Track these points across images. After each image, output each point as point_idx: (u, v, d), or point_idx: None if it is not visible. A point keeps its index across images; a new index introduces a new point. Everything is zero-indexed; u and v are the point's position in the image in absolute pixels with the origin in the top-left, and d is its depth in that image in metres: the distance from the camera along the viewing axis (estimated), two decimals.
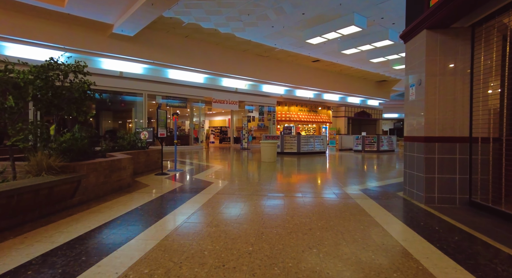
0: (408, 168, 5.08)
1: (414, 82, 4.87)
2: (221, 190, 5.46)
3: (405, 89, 5.27)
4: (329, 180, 6.86)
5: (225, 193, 5.23)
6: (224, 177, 7.18)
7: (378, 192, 5.54)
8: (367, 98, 27.77)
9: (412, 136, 4.92)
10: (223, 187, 5.79)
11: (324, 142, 15.62)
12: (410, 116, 5.05)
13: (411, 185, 4.96)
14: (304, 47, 17.14)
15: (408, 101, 5.15)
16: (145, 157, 7.63)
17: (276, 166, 9.57)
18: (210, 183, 6.17)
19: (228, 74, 17.81)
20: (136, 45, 14.40)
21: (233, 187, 5.82)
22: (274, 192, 5.35)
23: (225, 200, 4.68)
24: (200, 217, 3.77)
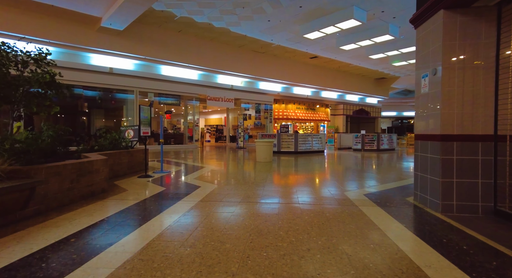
0: (420, 171, 4.41)
1: (428, 71, 4.19)
2: (207, 196, 4.77)
3: (416, 81, 4.59)
4: (329, 183, 6.19)
5: (211, 200, 4.54)
6: (214, 179, 6.50)
7: (384, 197, 4.87)
8: (366, 96, 27.13)
9: (426, 134, 4.25)
10: (210, 192, 5.10)
11: (323, 140, 14.96)
12: (422, 111, 4.38)
13: (423, 191, 4.29)
14: (302, 43, 16.45)
15: (419, 94, 4.48)
16: (128, 158, 6.93)
17: (272, 166, 8.89)
18: (197, 187, 5.49)
19: (223, 71, 17.10)
20: (127, 39, 13.66)
21: (222, 192, 5.14)
22: (267, 198, 4.67)
23: (209, 210, 3.99)
24: (174, 233, 3.08)
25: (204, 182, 6.02)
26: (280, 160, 11.13)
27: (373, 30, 14.53)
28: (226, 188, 5.47)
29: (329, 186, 5.78)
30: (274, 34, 15.26)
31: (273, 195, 4.88)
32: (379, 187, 5.75)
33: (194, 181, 6.14)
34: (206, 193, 5.01)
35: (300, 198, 4.68)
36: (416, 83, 4.60)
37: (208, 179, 6.46)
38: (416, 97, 4.61)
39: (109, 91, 14.93)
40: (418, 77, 4.51)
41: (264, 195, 4.87)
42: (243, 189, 5.39)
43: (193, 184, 5.84)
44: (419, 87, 4.47)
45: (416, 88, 4.59)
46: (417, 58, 4.58)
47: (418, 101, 4.51)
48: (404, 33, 15.08)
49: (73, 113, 16.04)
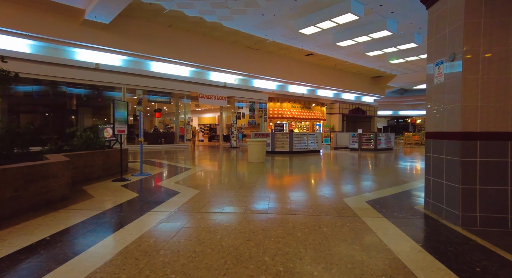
0: (432, 175, 3.72)
1: (444, 57, 3.50)
2: (184, 206, 4.03)
3: (427, 71, 3.90)
4: (325, 187, 5.48)
5: (187, 210, 3.80)
6: (197, 183, 5.76)
7: (389, 204, 4.17)
8: (362, 95, 26.52)
9: (440, 132, 3.56)
10: (189, 199, 4.36)
11: (318, 140, 14.27)
12: (435, 104, 3.68)
13: (437, 198, 3.60)
14: (297, 39, 15.72)
15: (431, 85, 3.78)
16: (103, 159, 6.16)
17: (265, 168, 8.17)
18: (175, 194, 4.74)
19: (216, 68, 16.33)
20: (113, 34, 12.84)
21: (203, 199, 4.40)
22: (254, 207, 3.95)
23: (182, 224, 3.26)
24: (126, 261, 2.35)
25: (185, 187, 5.28)
26: (274, 160, 10.42)
27: (371, 26, 13.85)
28: (209, 194, 4.74)
29: (326, 191, 5.07)
30: (268, 29, 14.53)
31: (261, 203, 4.15)
32: (382, 191, 5.05)
33: (175, 186, 5.39)
34: (184, 200, 4.27)
35: (293, 207, 3.96)
36: (428, 73, 3.90)
37: (191, 183, 5.72)
38: (427, 89, 3.91)
39: (95, 88, 14.11)
40: (431, 66, 3.81)
41: (251, 203, 4.14)
42: (229, 195, 4.66)
43: (172, 189, 5.09)
44: (432, 77, 3.77)
45: (428, 79, 3.89)
46: (429, 44, 3.88)
47: (430, 94, 3.81)
48: (402, 29, 14.44)
49: (60, 112, 15.19)
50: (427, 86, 3.93)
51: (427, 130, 3.92)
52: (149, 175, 6.59)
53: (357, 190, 5.17)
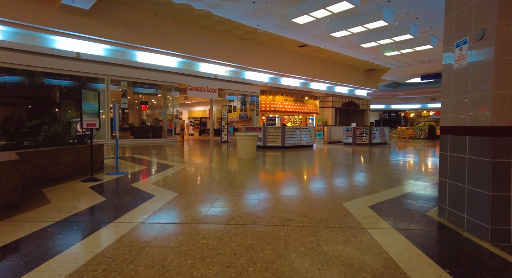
0: (450, 178, 3.11)
1: (468, 35, 2.85)
2: (155, 215, 3.35)
3: (444, 54, 3.25)
4: (322, 188, 4.85)
5: (157, 221, 3.12)
6: (178, 184, 5.06)
7: (397, 210, 3.56)
8: (355, 88, 25.96)
9: (462, 127, 2.93)
10: (163, 206, 3.68)
11: (312, 134, 13.66)
12: (455, 93, 3.05)
13: (457, 206, 2.99)
14: (290, 29, 14.96)
15: (449, 71, 3.14)
16: (72, 156, 5.41)
17: (255, 164, 7.51)
18: (149, 198, 4.05)
19: (205, 58, 15.46)
20: (95, 21, 11.87)
21: (180, 205, 3.72)
22: (240, 216, 3.29)
23: (146, 243, 2.58)
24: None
25: (163, 189, 4.58)
26: (265, 156, 9.77)
27: (366, 15, 13.17)
28: (188, 198, 4.05)
29: (323, 193, 4.44)
30: (260, 18, 13.72)
31: (249, 210, 3.50)
32: (384, 193, 4.45)
33: (151, 187, 4.69)
34: (157, 207, 3.58)
35: (285, 215, 3.32)
36: (444, 57, 3.26)
37: (171, 184, 5.02)
38: (444, 76, 3.27)
39: (77, 79, 13.18)
40: (448, 48, 3.16)
41: (237, 210, 3.48)
42: (211, 199, 3.99)
43: (147, 192, 4.39)
44: (451, 60, 3.12)
45: (444, 64, 3.24)
46: (448, 22, 3.23)
47: (448, 81, 3.17)
48: (398, 19, 13.81)
49: (39, 104, 14.20)
50: (443, 73, 3.29)
51: (442, 124, 3.29)
52: (125, 173, 5.87)
53: (357, 192, 4.56)
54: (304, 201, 3.97)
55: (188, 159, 8.68)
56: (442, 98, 3.31)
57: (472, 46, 2.80)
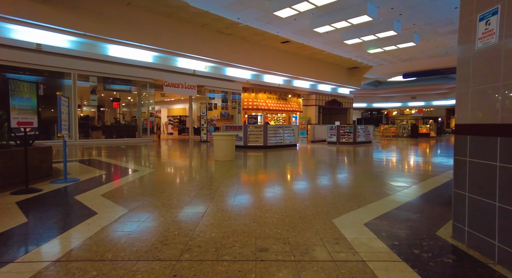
0: (470, 191, 2.38)
1: (501, 3, 2.12)
2: (82, 245, 2.44)
3: (461, 33, 2.52)
4: (307, 199, 4.07)
5: (84, 257, 2.22)
6: (132, 196, 4.14)
7: (399, 229, 2.81)
8: (338, 86, 25.52)
9: (491, 124, 2.20)
10: (100, 230, 2.77)
11: (295, 133, 12.94)
12: (479, 80, 2.32)
13: (483, 229, 2.27)
14: (272, 23, 14.15)
15: (470, 52, 2.41)
16: (4, 162, 4.36)
17: (233, 168, 6.66)
18: (90, 216, 3.13)
19: (183, 53, 14.40)
20: (58, 9, 10.60)
21: (124, 229, 2.82)
22: (200, 242, 2.44)
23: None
24: None
25: (111, 203, 3.66)
26: (245, 157, 8.94)
27: (350, 10, 12.55)
28: (137, 218, 3.15)
29: (308, 206, 3.65)
30: (241, 11, 12.83)
31: (211, 236, 2.65)
32: (380, 204, 3.72)
33: (97, 201, 3.75)
34: (93, 232, 2.67)
35: (259, 242, 2.50)
36: (460, 37, 2.53)
37: (124, 196, 4.10)
38: (460, 62, 2.53)
39: (39, 74, 11.85)
40: (466, 23, 2.43)
41: (196, 236, 2.63)
42: (166, 221, 3.11)
43: (89, 207, 3.46)
44: (469, 39, 2.39)
45: (461, 46, 2.51)
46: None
47: (467, 67, 2.44)
48: (382, 15, 13.30)
49: None
50: (459, 57, 2.55)
51: (458, 121, 2.56)
52: (75, 181, 4.88)
53: (348, 202, 3.80)
54: (286, 218, 3.16)
55: (158, 162, 7.72)
56: (457, 88, 2.58)
57: (504, 19, 2.07)
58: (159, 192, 4.30)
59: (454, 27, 14.74)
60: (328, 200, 3.92)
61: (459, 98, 2.55)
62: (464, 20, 2.48)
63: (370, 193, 4.31)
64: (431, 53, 19.85)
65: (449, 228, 2.84)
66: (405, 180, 5.44)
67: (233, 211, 3.38)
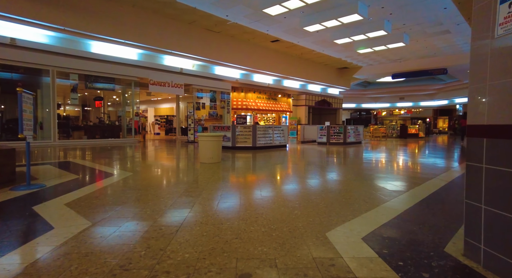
0: (488, 203, 2.03)
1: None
2: (23, 274, 1.97)
3: (475, 19, 2.16)
4: (297, 207, 3.67)
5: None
6: (100, 205, 3.66)
7: (403, 246, 2.44)
8: (328, 86, 25.35)
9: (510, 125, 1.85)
10: (52, 250, 2.29)
11: (285, 133, 12.58)
12: (499, 73, 1.96)
13: (505, 249, 1.91)
14: (262, 21, 13.75)
15: (487, 40, 2.06)
16: None
17: (218, 171, 6.22)
18: (43, 233, 2.64)
19: (169, 51, 13.85)
20: (36, 2, 9.92)
21: (79, 249, 2.36)
22: (169, 266, 2.01)
23: None
24: None
25: (74, 214, 3.17)
26: (233, 159, 8.51)
27: (341, 8, 12.28)
28: (100, 233, 2.69)
29: (298, 216, 3.25)
30: (229, 8, 12.38)
31: (184, 258, 2.21)
32: (377, 213, 3.36)
33: (58, 212, 3.26)
34: (39, 255, 2.20)
35: (241, 265, 2.08)
36: (474, 26, 2.17)
37: (91, 205, 3.61)
38: (474, 53, 2.18)
39: (14, 70, 11.11)
40: (483, 8, 2.07)
41: (165, 259, 2.19)
42: (137, 233, 2.66)
43: (46, 220, 2.96)
44: (486, 26, 2.04)
45: (475, 34, 2.16)
46: None
47: (482, 58, 2.09)
48: (373, 14, 13.09)
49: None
50: (473, 48, 2.19)
51: (471, 122, 2.20)
52: (40, 187, 4.35)
53: (342, 211, 3.42)
54: (274, 231, 2.75)
55: (138, 165, 7.21)
56: (470, 84, 2.22)
57: None
58: (133, 200, 3.83)
59: (443, 28, 14.68)
60: (320, 208, 3.53)
61: (472, 96, 2.19)
62: (479, 4, 2.12)
63: (365, 200, 3.95)
64: (419, 54, 19.84)
65: (457, 243, 2.48)
66: (401, 184, 5.12)
67: (213, 223, 2.95)
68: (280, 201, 3.85)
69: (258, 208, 3.49)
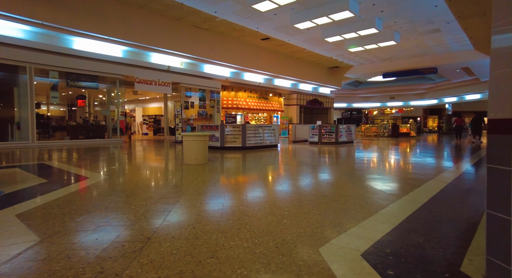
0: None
1: None
2: None
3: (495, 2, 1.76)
4: (287, 215, 3.24)
5: None
6: (61, 214, 3.16)
7: (409, 263, 2.04)
8: (319, 86, 25.06)
9: None
10: None
11: (276, 133, 12.16)
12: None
13: None
14: (251, 18, 13.31)
15: (509, 18, 1.66)
16: None
17: (202, 173, 5.75)
18: None
19: (156, 48, 13.27)
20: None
21: (12, 274, 1.87)
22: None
23: None
24: None
25: (23, 228, 2.67)
26: (221, 160, 8.04)
27: (332, 5, 11.93)
28: (47, 251, 2.20)
29: (289, 226, 2.81)
30: (218, 3, 11.89)
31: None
32: (377, 222, 2.95)
33: (7, 223, 2.75)
34: None
35: None
36: (496, 8, 1.77)
37: (48, 215, 3.10)
38: (496, 34, 1.78)
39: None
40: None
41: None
42: (91, 252, 2.18)
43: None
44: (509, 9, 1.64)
45: (497, 14, 1.76)
46: None
47: (506, 42, 1.69)
48: (364, 11, 12.79)
49: None
50: (493, 31, 1.79)
51: (494, 116, 1.80)
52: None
53: (337, 220, 3.01)
54: (258, 247, 2.31)
55: (115, 167, 6.67)
56: (492, 69, 1.81)
57: None
58: (100, 208, 3.33)
59: (433, 26, 14.51)
60: (312, 216, 3.11)
61: (495, 84, 1.79)
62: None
63: (362, 205, 3.54)
64: (410, 52, 19.71)
65: (475, 260, 2.09)
66: (398, 186, 4.74)
67: (187, 237, 2.49)
68: (268, 208, 3.41)
69: (241, 217, 3.04)
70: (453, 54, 19.27)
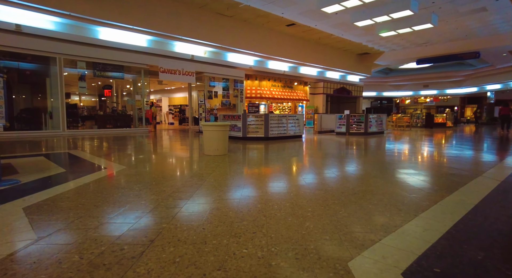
0: None
1: None
2: None
3: None
4: (309, 219, 2.83)
5: None
6: (69, 207, 2.97)
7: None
8: (347, 73, 23.82)
9: None
10: None
11: (300, 123, 11.60)
12: None
13: None
14: (276, 3, 12.63)
15: None
16: None
17: (221, 165, 5.44)
18: None
19: (180, 37, 13.05)
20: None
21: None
22: None
23: None
24: None
25: (24, 223, 2.49)
26: (242, 151, 7.72)
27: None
28: (38, 253, 1.97)
29: (310, 234, 2.41)
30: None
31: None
32: (418, 228, 2.45)
33: (10, 218, 2.59)
34: None
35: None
36: None
37: (55, 209, 2.93)
38: None
39: (21, 58, 10.72)
40: None
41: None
42: (85, 257, 1.92)
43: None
44: None
45: None
46: None
47: None
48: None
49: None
50: None
51: None
52: (12, 184, 3.74)
53: (369, 225, 2.55)
54: (274, 259, 1.93)
55: (136, 157, 6.56)
56: None
57: None
58: (109, 202, 3.12)
59: (478, 4, 12.96)
60: (340, 218, 2.67)
61: None
62: None
63: (398, 205, 3.04)
64: (448, 36, 17.98)
65: None
66: (438, 183, 4.14)
67: (194, 242, 2.17)
68: (288, 207, 3.01)
69: (258, 218, 2.68)
70: (499, 37, 17.32)
